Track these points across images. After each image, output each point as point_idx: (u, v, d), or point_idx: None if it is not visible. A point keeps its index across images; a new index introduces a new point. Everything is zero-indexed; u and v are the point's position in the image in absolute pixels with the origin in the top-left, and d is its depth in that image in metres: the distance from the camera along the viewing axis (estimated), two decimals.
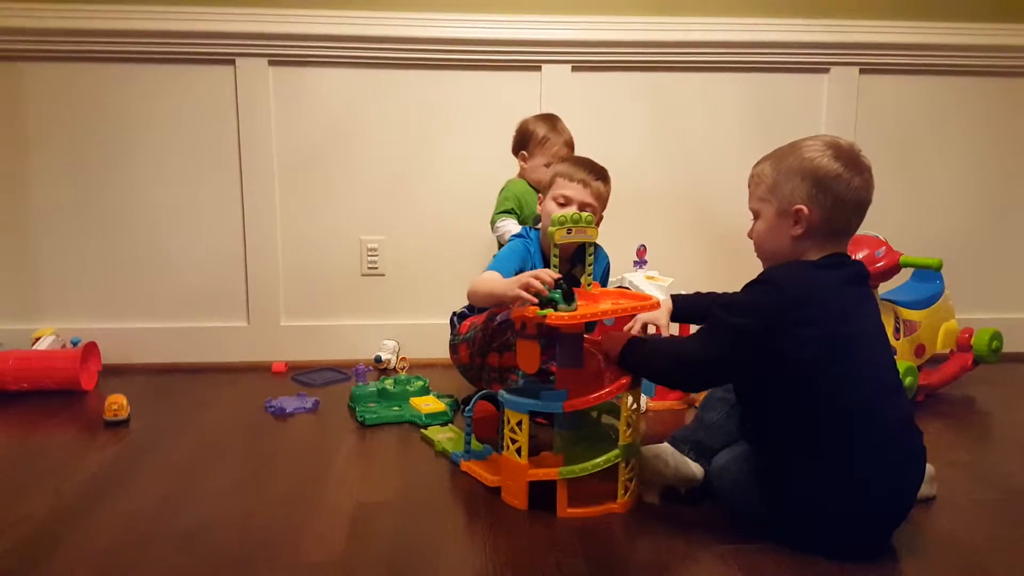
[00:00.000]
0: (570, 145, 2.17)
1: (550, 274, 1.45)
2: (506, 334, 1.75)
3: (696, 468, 1.49)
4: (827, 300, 1.30)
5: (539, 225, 1.89)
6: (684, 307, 1.68)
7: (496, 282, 1.63)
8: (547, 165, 2.10)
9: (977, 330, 2.26)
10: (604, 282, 1.95)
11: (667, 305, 1.66)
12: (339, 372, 2.35)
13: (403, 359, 2.42)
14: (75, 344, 2.30)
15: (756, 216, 1.42)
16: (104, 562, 1.29)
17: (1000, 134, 2.62)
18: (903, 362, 2.02)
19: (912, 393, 2.08)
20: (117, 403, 1.94)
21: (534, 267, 1.76)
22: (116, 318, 2.45)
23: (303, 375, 2.33)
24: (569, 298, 1.43)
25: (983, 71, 2.57)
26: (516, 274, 1.62)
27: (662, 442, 1.54)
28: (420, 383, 2.09)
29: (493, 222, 2.16)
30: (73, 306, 2.44)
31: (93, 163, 2.39)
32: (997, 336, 2.25)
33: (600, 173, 1.79)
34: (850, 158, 1.33)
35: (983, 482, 1.62)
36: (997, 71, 2.57)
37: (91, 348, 2.29)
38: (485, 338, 1.83)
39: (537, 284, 1.43)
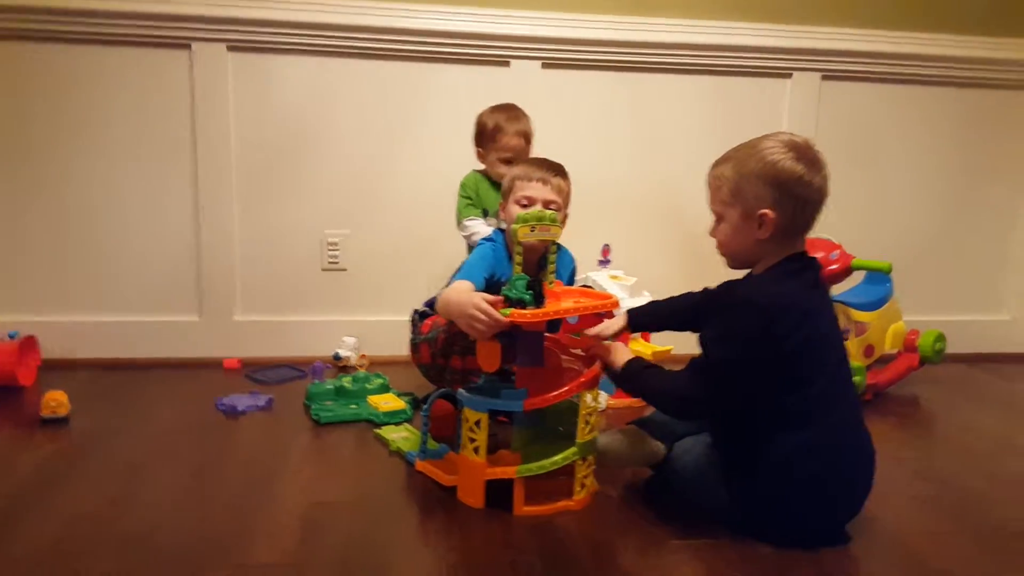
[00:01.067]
0: (524, 135, 2.09)
1: (493, 316, 1.40)
2: (468, 337, 1.70)
3: (657, 445, 1.50)
4: (799, 308, 1.33)
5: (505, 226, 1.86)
6: (641, 319, 1.64)
7: (457, 301, 1.54)
8: (501, 159, 2.06)
9: (923, 331, 2.33)
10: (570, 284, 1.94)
11: (620, 322, 1.60)
12: (295, 369, 2.29)
13: (363, 356, 2.37)
14: (12, 337, 2.19)
15: (719, 218, 1.43)
16: (39, 570, 1.22)
17: (952, 143, 2.68)
18: (853, 362, 2.05)
19: (861, 391, 2.13)
20: (56, 400, 1.85)
21: (503, 275, 1.72)
22: (59, 310, 2.35)
23: (257, 372, 2.27)
24: (539, 300, 1.43)
25: (939, 81, 2.62)
26: (486, 281, 1.64)
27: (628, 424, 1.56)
28: (379, 381, 2.05)
29: (459, 220, 2.11)
30: (12, 298, 2.33)
31: (36, 148, 2.29)
32: (941, 338, 2.33)
33: (557, 169, 1.76)
34: (809, 158, 1.35)
35: (923, 477, 1.68)
36: (953, 82, 2.63)
37: (30, 342, 2.19)
38: (448, 340, 1.79)
39: (481, 322, 1.40)
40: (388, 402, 1.94)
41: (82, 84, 2.28)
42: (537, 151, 2.40)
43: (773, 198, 1.34)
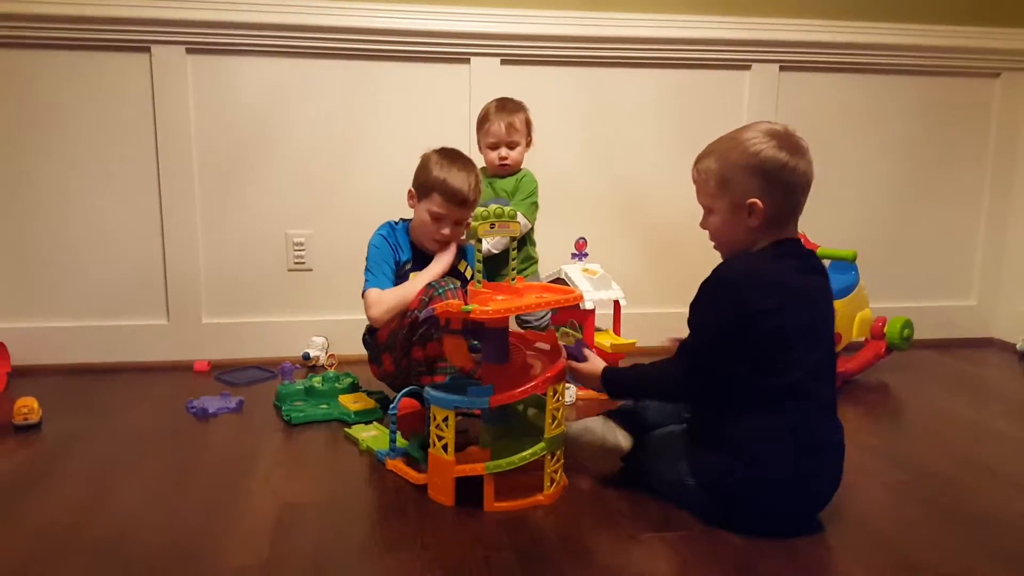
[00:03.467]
0: (510, 125, 2.14)
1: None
2: (425, 325, 1.75)
3: (623, 437, 1.53)
4: (778, 287, 1.35)
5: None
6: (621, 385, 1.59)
7: (396, 293, 1.84)
8: (487, 144, 2.16)
9: (890, 319, 2.37)
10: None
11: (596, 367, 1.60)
12: (265, 370, 2.30)
13: (331, 356, 2.38)
14: None
15: (708, 211, 1.46)
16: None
17: (913, 131, 2.74)
18: None
19: None
20: (27, 406, 1.85)
21: (402, 256, 1.94)
22: (26, 316, 2.34)
23: (226, 374, 2.27)
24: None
25: (898, 70, 2.68)
26: (391, 272, 1.89)
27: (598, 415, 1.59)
28: (349, 380, 2.06)
29: None
30: None
31: None
32: (908, 324, 2.36)
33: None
34: (791, 144, 1.37)
35: (893, 464, 1.70)
36: (911, 70, 2.69)
37: None
38: (407, 334, 1.83)
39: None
40: (358, 401, 1.96)
41: (43, 89, 2.26)
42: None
43: (760, 187, 1.36)
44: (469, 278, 1.93)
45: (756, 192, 1.37)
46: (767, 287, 1.35)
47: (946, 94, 2.73)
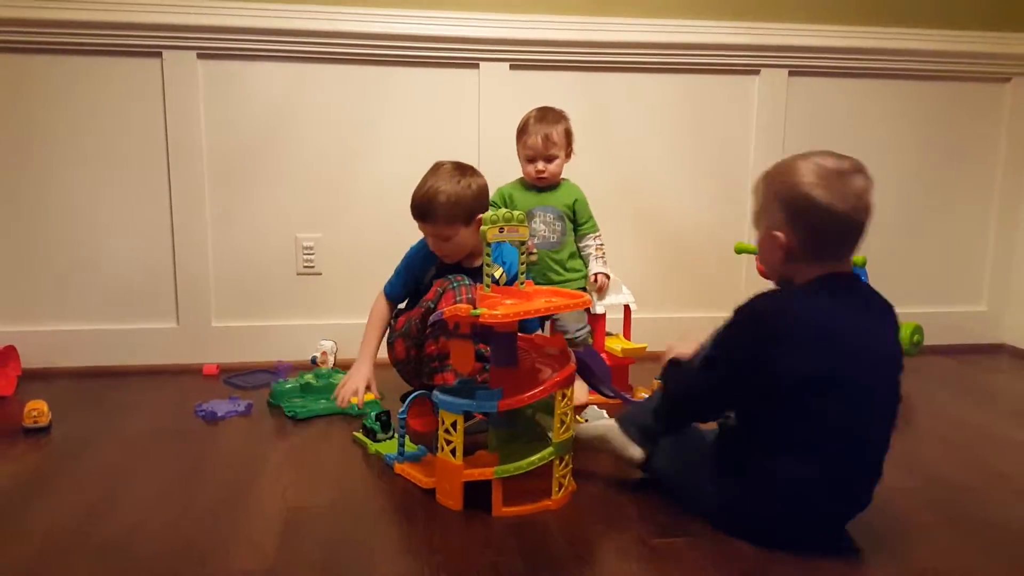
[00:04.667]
0: (547, 138, 2.08)
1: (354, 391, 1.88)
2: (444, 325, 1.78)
3: (635, 451, 1.53)
4: (810, 329, 1.28)
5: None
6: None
7: (369, 324, 2.05)
8: (525, 156, 2.12)
9: (899, 324, 2.35)
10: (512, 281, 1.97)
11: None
12: (272, 373, 2.30)
13: (323, 353, 2.37)
14: None
15: (757, 232, 1.41)
16: None
17: (922, 136, 2.72)
18: None
19: None
20: (37, 409, 1.85)
21: (428, 267, 1.98)
22: (37, 320, 2.35)
23: (235, 377, 2.28)
24: (386, 428, 1.71)
25: (907, 75, 2.67)
26: (411, 280, 2.01)
27: (611, 418, 1.58)
28: (342, 376, 2.10)
29: None
30: None
31: (9, 159, 2.28)
32: (918, 330, 2.35)
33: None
34: (834, 182, 1.29)
35: (904, 470, 1.68)
36: (921, 75, 2.67)
37: (9, 352, 2.19)
38: (421, 328, 1.85)
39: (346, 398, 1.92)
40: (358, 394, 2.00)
41: (55, 94, 2.27)
42: (506, 153, 2.44)
43: (785, 221, 1.31)
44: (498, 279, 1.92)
45: (780, 225, 1.32)
46: (799, 328, 1.28)
47: (956, 99, 2.72)
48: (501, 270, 1.94)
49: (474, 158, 2.38)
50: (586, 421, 1.83)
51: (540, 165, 2.10)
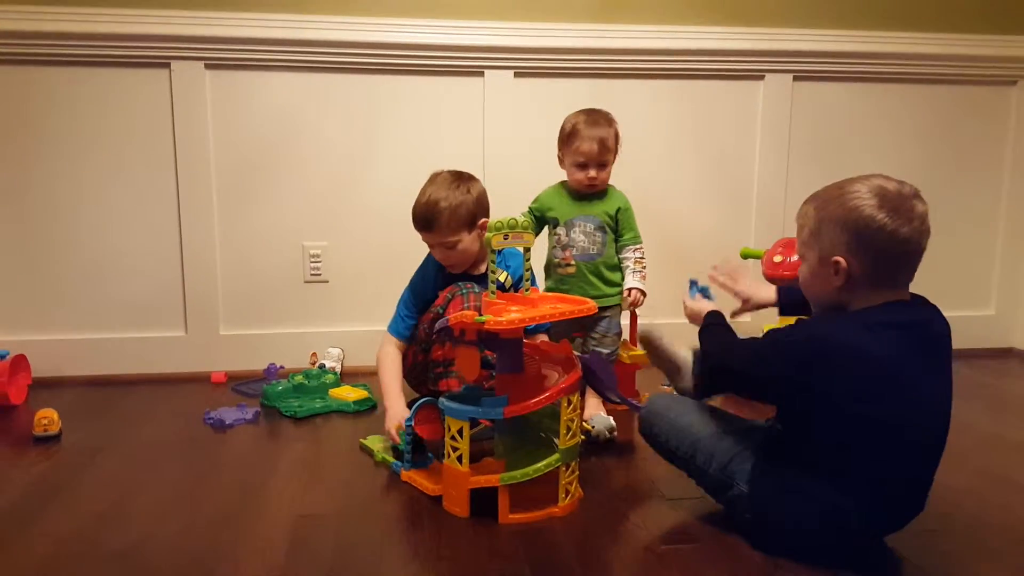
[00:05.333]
0: (602, 142, 1.95)
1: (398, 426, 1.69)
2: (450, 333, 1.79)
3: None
4: (861, 362, 1.23)
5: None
6: (793, 298, 1.53)
7: (382, 374, 1.90)
8: (575, 163, 1.98)
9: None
10: (518, 285, 1.97)
11: (770, 295, 1.58)
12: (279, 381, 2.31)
13: (313, 354, 2.39)
14: (2, 357, 2.21)
15: (801, 258, 1.37)
16: None
17: (928, 140, 2.72)
18: None
19: None
20: (47, 418, 1.87)
21: (429, 289, 1.94)
22: (47, 329, 2.37)
23: (243, 385, 2.29)
24: (418, 448, 1.64)
25: (912, 79, 2.66)
26: (415, 311, 1.94)
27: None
28: (332, 376, 2.17)
29: None
30: (1, 317, 2.35)
31: (18, 170, 2.31)
32: None
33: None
34: (897, 206, 1.26)
35: None
36: (926, 79, 2.67)
37: (20, 361, 2.21)
38: (428, 333, 1.88)
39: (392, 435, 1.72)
40: (350, 393, 2.07)
41: (65, 105, 2.30)
42: (511, 160, 2.45)
43: (848, 245, 1.26)
44: (503, 282, 1.94)
45: (843, 250, 1.27)
46: (859, 365, 1.23)
47: (962, 102, 2.71)
48: (506, 274, 1.95)
49: (479, 166, 2.40)
50: (592, 428, 1.83)
51: (592, 172, 1.97)
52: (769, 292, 1.61)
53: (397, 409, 1.79)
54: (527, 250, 1.56)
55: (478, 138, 2.46)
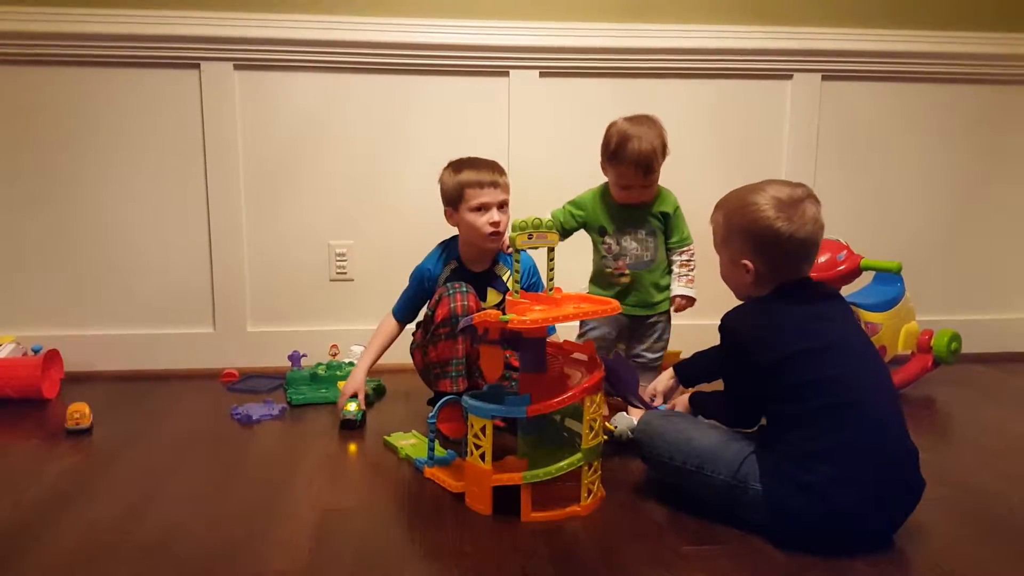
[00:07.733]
0: (647, 164, 1.84)
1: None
2: (435, 327, 1.87)
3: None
4: (779, 325, 1.41)
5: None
6: (690, 373, 1.71)
7: (362, 356, 2.08)
8: (620, 185, 1.90)
9: (936, 331, 2.30)
10: (527, 285, 1.99)
11: (668, 379, 1.71)
12: (270, 379, 2.34)
13: (334, 346, 2.39)
14: (36, 352, 2.26)
15: (719, 256, 1.53)
16: (64, 574, 1.27)
17: (957, 140, 2.68)
18: None
19: None
20: (79, 411, 1.91)
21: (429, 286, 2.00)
22: (79, 325, 2.42)
23: (240, 383, 2.32)
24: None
25: (941, 78, 2.63)
26: (409, 309, 2.05)
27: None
28: (349, 369, 2.17)
29: None
30: (35, 313, 2.40)
31: (53, 169, 2.36)
32: (956, 337, 2.30)
33: (497, 167, 1.92)
34: (791, 212, 1.40)
35: (941, 480, 1.64)
36: (955, 78, 2.63)
37: (53, 356, 2.26)
38: (424, 335, 1.92)
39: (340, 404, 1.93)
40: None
41: (96, 105, 2.34)
42: (536, 160, 2.44)
43: (753, 251, 1.43)
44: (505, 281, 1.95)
45: (749, 255, 1.44)
46: (764, 325, 1.41)
47: (994, 102, 2.67)
48: (508, 272, 1.96)
49: (504, 166, 2.38)
50: (615, 428, 1.83)
51: (636, 192, 1.89)
52: (669, 379, 1.71)
53: (355, 380, 2.01)
54: (551, 250, 1.57)
55: (503, 138, 2.46)
